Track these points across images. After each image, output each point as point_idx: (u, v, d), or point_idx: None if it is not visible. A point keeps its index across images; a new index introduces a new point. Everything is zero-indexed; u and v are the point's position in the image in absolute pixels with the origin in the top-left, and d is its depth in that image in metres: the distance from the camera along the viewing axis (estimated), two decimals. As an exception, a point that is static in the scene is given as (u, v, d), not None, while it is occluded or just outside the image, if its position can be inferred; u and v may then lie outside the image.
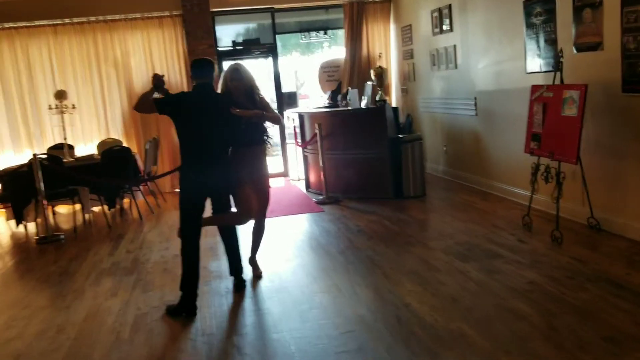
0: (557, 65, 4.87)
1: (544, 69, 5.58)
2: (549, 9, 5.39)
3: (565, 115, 4.75)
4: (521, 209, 5.80)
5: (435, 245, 5.00)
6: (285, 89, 9.80)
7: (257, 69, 9.90)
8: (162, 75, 4.12)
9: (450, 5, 7.38)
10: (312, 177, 8.13)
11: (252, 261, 4.71)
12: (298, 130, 8.52)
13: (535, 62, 5.70)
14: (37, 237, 6.68)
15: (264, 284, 4.48)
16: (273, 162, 9.15)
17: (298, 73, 13.91)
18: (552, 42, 5.40)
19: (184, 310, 3.99)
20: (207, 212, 4.26)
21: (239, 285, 4.43)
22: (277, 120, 4.46)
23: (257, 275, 4.65)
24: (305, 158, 8.24)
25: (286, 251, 5.29)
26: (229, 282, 4.54)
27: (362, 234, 5.60)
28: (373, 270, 4.51)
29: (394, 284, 4.16)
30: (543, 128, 5.04)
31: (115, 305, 4.27)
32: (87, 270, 5.28)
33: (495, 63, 6.49)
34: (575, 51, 5.05)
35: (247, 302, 4.15)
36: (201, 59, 4.28)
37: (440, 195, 7.09)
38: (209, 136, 4.04)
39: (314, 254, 5.16)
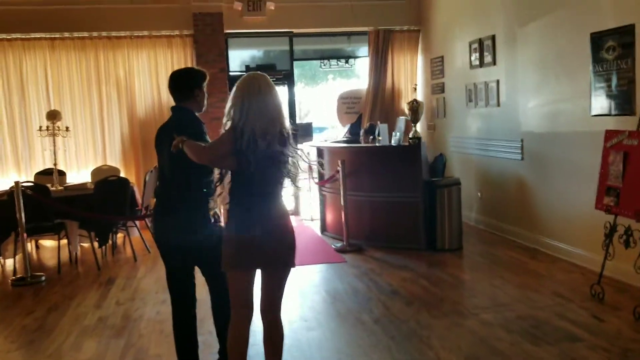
0: (644, 108, 4.09)
1: (615, 112, 4.79)
2: (626, 42, 4.62)
3: (657, 168, 3.94)
4: (582, 273, 4.96)
5: (491, 318, 4.11)
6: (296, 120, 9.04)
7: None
8: None
9: (494, 36, 6.62)
10: (329, 219, 7.27)
11: None
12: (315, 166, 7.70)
13: (604, 103, 4.91)
14: (13, 278, 5.78)
15: (285, 362, 3.57)
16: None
17: (302, 104, 13.26)
18: (628, 81, 4.62)
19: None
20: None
21: None
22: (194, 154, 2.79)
23: None
24: (322, 197, 7.40)
25: (306, 315, 4.39)
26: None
27: (398, 297, 4.70)
28: (422, 351, 3.61)
29: (453, 374, 3.28)
30: (623, 182, 4.21)
31: (97, 385, 3.38)
32: (68, 327, 4.38)
33: (551, 102, 5.69)
34: (659, 93, 4.28)
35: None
36: (176, 72, 3.35)
37: (479, 249, 6.20)
38: (168, 176, 3.19)
39: (342, 321, 4.26)
